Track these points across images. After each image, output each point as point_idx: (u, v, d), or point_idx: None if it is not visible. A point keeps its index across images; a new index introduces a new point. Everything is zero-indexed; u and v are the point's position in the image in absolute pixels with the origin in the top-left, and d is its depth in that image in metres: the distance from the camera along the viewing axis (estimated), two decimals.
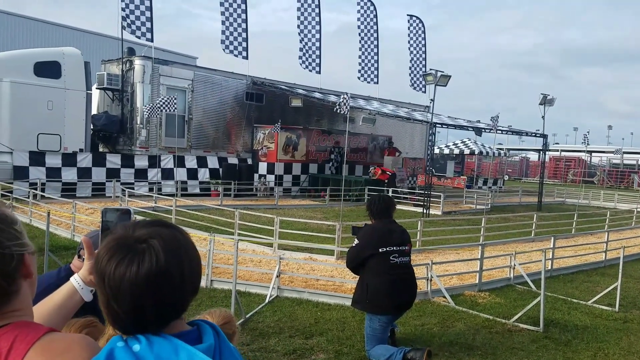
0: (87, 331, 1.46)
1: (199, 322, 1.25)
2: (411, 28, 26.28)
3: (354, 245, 4.99)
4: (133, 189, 15.55)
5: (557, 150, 57.83)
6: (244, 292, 6.69)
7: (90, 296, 1.56)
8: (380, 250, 4.78)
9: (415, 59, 26.24)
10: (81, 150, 16.04)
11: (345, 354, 5.01)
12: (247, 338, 5.23)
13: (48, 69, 15.37)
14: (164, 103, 14.99)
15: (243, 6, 19.70)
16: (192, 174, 17.99)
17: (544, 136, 22.30)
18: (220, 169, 18.54)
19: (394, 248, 4.82)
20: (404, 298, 4.86)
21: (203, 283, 6.98)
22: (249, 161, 19.55)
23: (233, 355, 1.26)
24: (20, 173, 14.62)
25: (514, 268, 8.27)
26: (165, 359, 1.10)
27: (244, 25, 19.75)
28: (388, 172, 19.58)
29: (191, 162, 18.05)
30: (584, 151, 45.48)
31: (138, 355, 1.10)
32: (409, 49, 26.18)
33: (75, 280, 1.55)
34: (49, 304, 1.51)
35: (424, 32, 26.45)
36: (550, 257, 9.23)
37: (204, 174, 18.25)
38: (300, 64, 21.95)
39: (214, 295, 6.59)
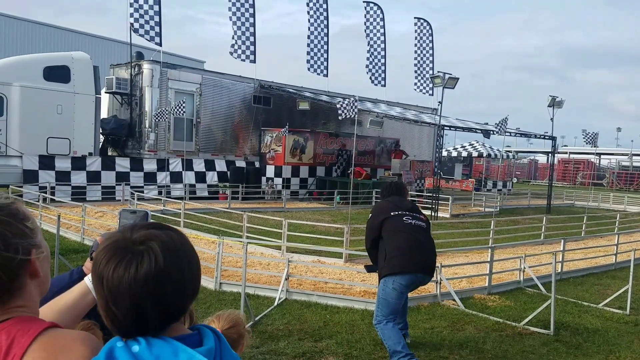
0: (92, 332, 1.47)
1: (199, 327, 1.25)
2: (418, 31, 26.24)
3: (367, 221, 5.11)
4: (142, 192, 15.62)
5: (566, 153, 57.48)
6: (252, 294, 6.70)
7: None
8: (392, 213, 4.88)
9: (421, 61, 26.20)
10: (90, 154, 16.14)
11: (355, 357, 4.99)
12: (257, 341, 5.23)
13: (57, 74, 15.49)
14: (172, 108, 15.05)
15: (251, 10, 19.77)
16: (201, 177, 18.05)
17: (553, 138, 22.18)
18: (228, 172, 18.59)
19: (406, 212, 4.93)
20: (421, 257, 4.77)
21: (212, 286, 6.99)
22: (257, 164, 19.59)
23: None
24: (30, 177, 14.73)
25: (523, 271, 8.22)
26: None
27: (251, 30, 19.82)
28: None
29: (199, 165, 18.11)
30: (592, 153, 45.21)
31: (137, 355, 1.09)
32: (416, 51, 26.14)
33: (88, 280, 1.56)
34: (60, 303, 1.50)
35: (431, 34, 26.42)
36: (560, 259, 9.17)
37: (212, 177, 18.31)
38: (308, 68, 21.98)
39: (223, 298, 6.60)
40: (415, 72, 26.08)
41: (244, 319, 2.41)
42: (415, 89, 26.03)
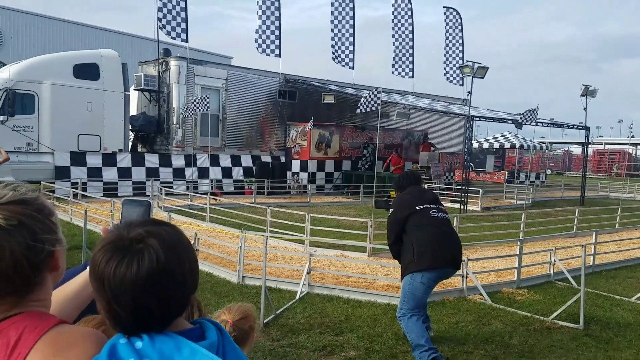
0: (104, 328, 1.44)
1: (201, 321, 1.24)
2: (447, 20, 25.82)
3: (389, 214, 4.98)
4: (172, 187, 15.83)
5: (601, 144, 55.92)
6: (274, 288, 6.68)
7: None
8: (417, 207, 4.76)
9: (451, 51, 25.78)
10: (120, 150, 16.41)
11: (376, 351, 4.92)
12: (277, 334, 5.21)
13: (87, 71, 15.78)
14: (197, 103, 15.17)
15: (276, 4, 19.75)
16: (227, 172, 18.17)
17: (587, 128, 21.54)
18: (254, 167, 18.67)
19: (431, 205, 4.82)
20: (451, 252, 4.71)
21: (235, 279, 7.00)
22: (282, 159, 19.61)
23: (237, 354, 1.24)
24: (61, 173, 15.06)
25: (554, 264, 7.99)
26: (168, 356, 1.09)
27: (277, 24, 19.80)
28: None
29: (225, 160, 18.23)
30: (628, 144, 43.85)
31: (140, 352, 1.09)
32: (445, 41, 25.72)
33: None
34: (63, 292, 1.50)
35: (460, 24, 25.95)
36: (592, 252, 8.89)
37: (238, 173, 18.42)
38: (333, 59, 21.85)
39: (245, 291, 6.60)
40: (445, 62, 25.69)
41: (255, 312, 2.37)
42: (445, 78, 25.65)
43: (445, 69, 25.72)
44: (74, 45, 27.91)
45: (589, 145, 24.64)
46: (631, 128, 23.52)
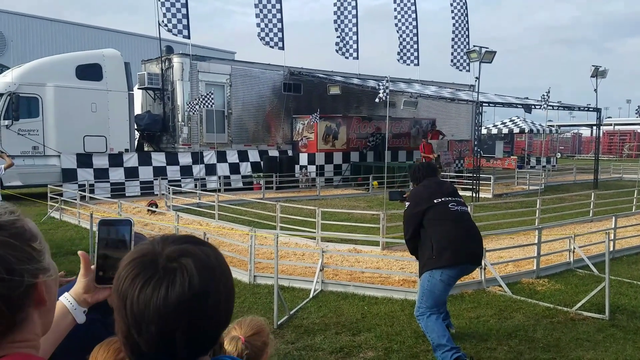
0: (122, 356, 1.27)
1: (221, 359, 1.11)
2: (453, 6, 25.43)
3: (406, 208, 4.75)
4: (180, 185, 15.69)
5: (611, 125, 55.20)
6: (287, 287, 6.51)
7: (83, 317, 1.35)
8: (435, 201, 4.54)
9: (457, 38, 25.41)
10: (127, 150, 16.29)
11: (396, 352, 4.73)
12: (292, 336, 5.04)
13: (90, 72, 15.65)
14: (201, 100, 15.00)
15: None
16: (234, 168, 18.01)
17: (598, 110, 21.16)
18: (262, 162, 18.50)
19: (449, 198, 4.60)
20: (472, 246, 4.50)
21: (246, 279, 6.84)
22: (290, 153, 19.42)
23: None
24: (68, 175, 14.97)
25: (573, 251, 7.76)
26: None
27: (278, 16, 19.55)
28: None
29: (232, 156, 18.07)
30: (639, 124, 43.24)
31: None
32: (452, 27, 25.34)
33: (66, 300, 1.34)
34: None
35: (466, 8, 25.58)
36: (612, 237, 8.64)
37: (245, 168, 18.26)
38: (337, 51, 21.58)
39: (257, 291, 6.43)
40: (452, 47, 25.32)
41: (267, 325, 2.19)
42: (452, 64, 25.30)
43: (452, 54, 25.35)
44: (75, 47, 27.81)
45: (600, 127, 24.21)
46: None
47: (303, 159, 19.04)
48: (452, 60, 25.35)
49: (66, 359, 1.40)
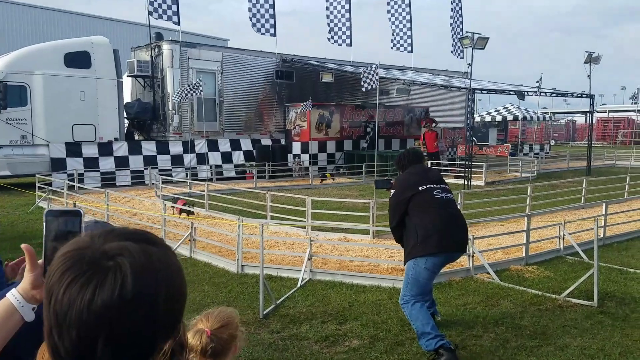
0: None
1: None
2: None
3: (391, 196, 4.70)
4: (171, 175, 15.57)
5: (605, 111, 55.26)
6: (275, 276, 6.46)
7: (32, 315, 1.26)
8: (420, 188, 4.48)
9: (455, 25, 25.24)
10: (116, 139, 16.15)
11: (381, 339, 4.69)
12: (278, 325, 4.99)
13: (78, 60, 15.45)
14: (190, 87, 14.85)
15: None
16: (227, 157, 17.89)
17: (591, 96, 21.11)
18: (254, 151, 18.38)
19: (434, 185, 4.54)
20: (457, 235, 4.45)
21: (234, 269, 6.78)
22: (283, 141, 19.30)
23: None
24: (57, 165, 14.83)
25: (563, 238, 7.74)
26: None
27: (270, 2, 19.34)
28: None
29: (225, 145, 17.94)
30: (633, 110, 43.27)
31: None
32: (451, 13, 25.12)
33: (13, 296, 1.26)
34: None
35: None
36: (603, 224, 8.62)
37: (238, 157, 18.13)
38: (329, 39, 21.40)
39: (244, 281, 6.38)
40: (451, 31, 25.13)
41: (237, 317, 2.13)
42: (452, 53, 25.13)
43: (453, 39, 25.14)
44: (64, 35, 27.48)
45: (594, 114, 24.21)
46: (636, 96, 22.99)
47: (296, 147, 18.93)
48: (452, 46, 25.13)
49: (18, 356, 1.34)
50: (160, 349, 0.88)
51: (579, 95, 22.85)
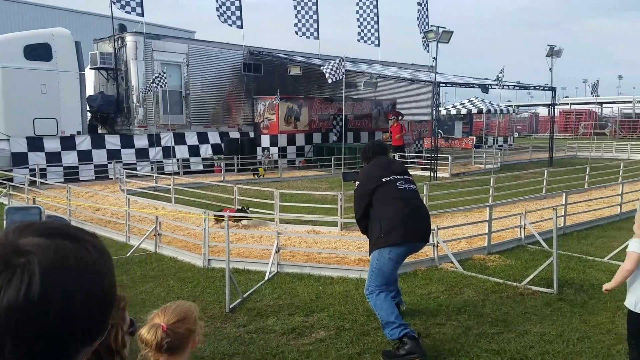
0: None
1: None
2: None
3: (356, 187, 4.76)
4: (136, 169, 15.31)
5: (567, 104, 56.65)
6: (242, 270, 6.45)
7: None
8: (384, 179, 4.55)
9: (421, 17, 25.40)
10: (79, 132, 15.77)
11: (347, 330, 4.75)
12: (244, 319, 4.99)
13: (38, 52, 15.00)
14: (154, 79, 14.61)
15: None
16: (194, 150, 17.69)
17: (553, 89, 21.64)
18: (222, 144, 18.22)
19: (398, 176, 4.61)
20: (420, 224, 4.52)
21: (200, 263, 6.74)
22: (251, 134, 19.19)
23: None
24: (19, 160, 14.41)
25: (524, 228, 7.94)
26: None
27: None
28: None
29: (192, 138, 17.73)
30: (594, 103, 44.52)
31: None
32: (419, 4, 25.23)
33: None
34: None
35: None
36: (563, 213, 8.88)
37: (206, 150, 17.94)
38: (296, 32, 21.32)
39: (211, 275, 6.34)
40: (418, 25, 25.25)
41: (195, 311, 2.12)
42: (423, 48, 25.27)
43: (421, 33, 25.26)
44: (24, 26, 26.62)
45: (555, 106, 24.82)
46: (596, 87, 23.66)
47: (265, 140, 18.86)
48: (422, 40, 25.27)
49: None
50: (86, 352, 0.83)
51: (541, 88, 23.39)
